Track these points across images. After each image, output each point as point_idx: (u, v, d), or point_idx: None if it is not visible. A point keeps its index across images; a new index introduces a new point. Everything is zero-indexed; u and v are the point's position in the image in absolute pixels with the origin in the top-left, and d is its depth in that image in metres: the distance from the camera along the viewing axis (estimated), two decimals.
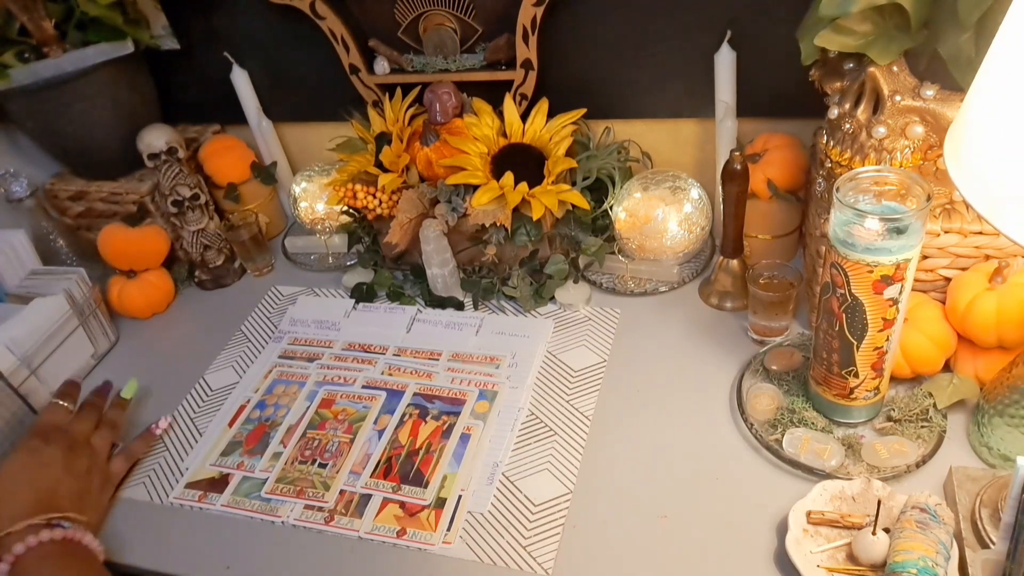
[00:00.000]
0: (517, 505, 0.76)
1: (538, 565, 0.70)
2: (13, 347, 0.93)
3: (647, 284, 1.01)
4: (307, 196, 1.14)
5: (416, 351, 0.97)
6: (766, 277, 0.88)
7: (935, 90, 0.70)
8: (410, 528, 0.76)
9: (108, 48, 1.06)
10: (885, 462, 0.72)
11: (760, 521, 0.70)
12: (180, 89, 1.24)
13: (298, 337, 1.04)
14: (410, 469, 0.81)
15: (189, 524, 0.81)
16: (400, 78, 1.09)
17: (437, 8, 1.04)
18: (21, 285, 1.05)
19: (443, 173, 0.98)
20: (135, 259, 1.11)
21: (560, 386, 0.89)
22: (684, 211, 0.95)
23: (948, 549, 0.60)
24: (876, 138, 0.73)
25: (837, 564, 0.64)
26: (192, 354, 1.04)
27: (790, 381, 0.82)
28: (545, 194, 0.94)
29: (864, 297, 0.65)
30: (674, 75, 1.01)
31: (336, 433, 0.87)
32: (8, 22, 1.02)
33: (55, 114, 1.08)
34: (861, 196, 0.64)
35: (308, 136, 1.25)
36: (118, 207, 1.17)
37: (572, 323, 0.98)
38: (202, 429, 0.92)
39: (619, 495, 0.76)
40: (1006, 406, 0.68)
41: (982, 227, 0.72)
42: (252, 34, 1.15)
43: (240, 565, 0.76)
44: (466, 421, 0.86)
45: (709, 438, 0.80)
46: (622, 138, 1.06)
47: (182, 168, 1.11)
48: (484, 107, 1.00)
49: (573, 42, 1.02)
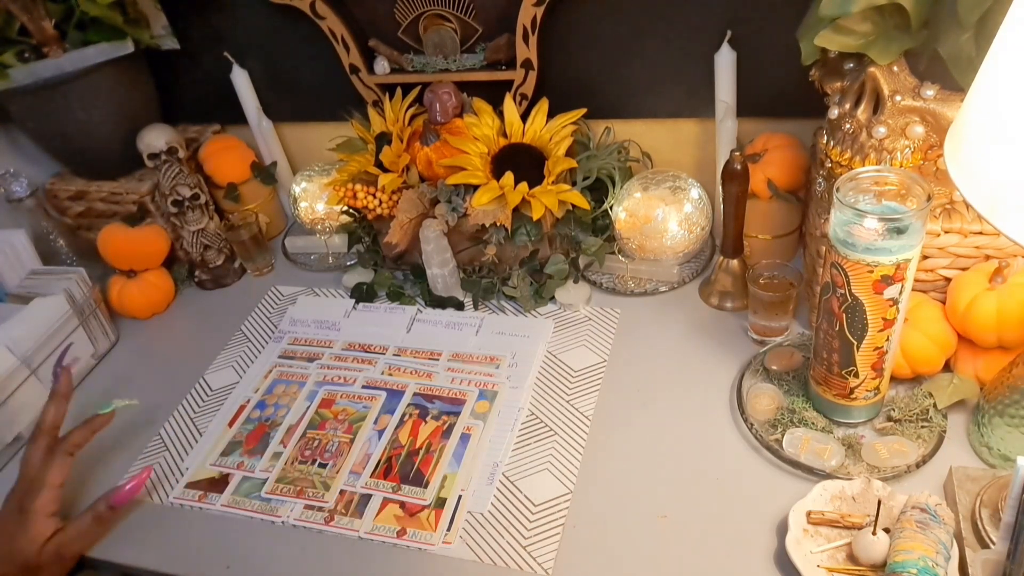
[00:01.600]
0: (517, 505, 0.76)
1: (538, 565, 0.70)
2: (13, 347, 0.93)
3: (647, 284, 1.01)
4: (307, 196, 1.14)
5: (416, 351, 0.97)
6: (766, 277, 0.88)
7: (935, 90, 0.70)
8: (410, 528, 0.76)
9: (108, 48, 1.06)
10: (885, 462, 0.72)
11: (760, 521, 0.70)
12: (180, 89, 1.24)
13: (298, 337, 1.04)
14: (410, 469, 0.81)
15: (189, 524, 0.81)
16: (400, 78, 1.09)
17: (437, 8, 1.04)
18: (21, 285, 1.05)
19: (443, 173, 0.98)
20: (135, 259, 1.11)
21: (560, 386, 0.89)
22: (684, 211, 0.95)
23: (948, 549, 0.60)
24: (876, 138, 0.73)
25: (837, 564, 0.64)
26: (192, 354, 1.04)
27: (790, 381, 0.82)
28: (545, 194, 0.94)
29: (864, 297, 0.65)
30: (674, 75, 1.01)
31: (336, 433, 0.87)
32: (8, 22, 1.02)
33: (55, 114, 1.08)
34: (861, 196, 0.64)
35: (308, 136, 1.25)
36: (118, 207, 1.17)
37: (572, 323, 0.98)
38: (202, 429, 0.92)
39: (619, 495, 0.76)
40: (1006, 406, 0.68)
41: (982, 227, 0.72)
42: (252, 34, 1.15)
43: (240, 565, 0.76)
44: (466, 421, 0.86)
45: (709, 438, 0.80)
46: (622, 138, 1.06)
47: (182, 168, 1.11)
48: (484, 107, 1.00)
49: (573, 42, 1.02)
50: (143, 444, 0.91)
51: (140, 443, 0.91)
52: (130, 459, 0.90)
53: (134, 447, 0.91)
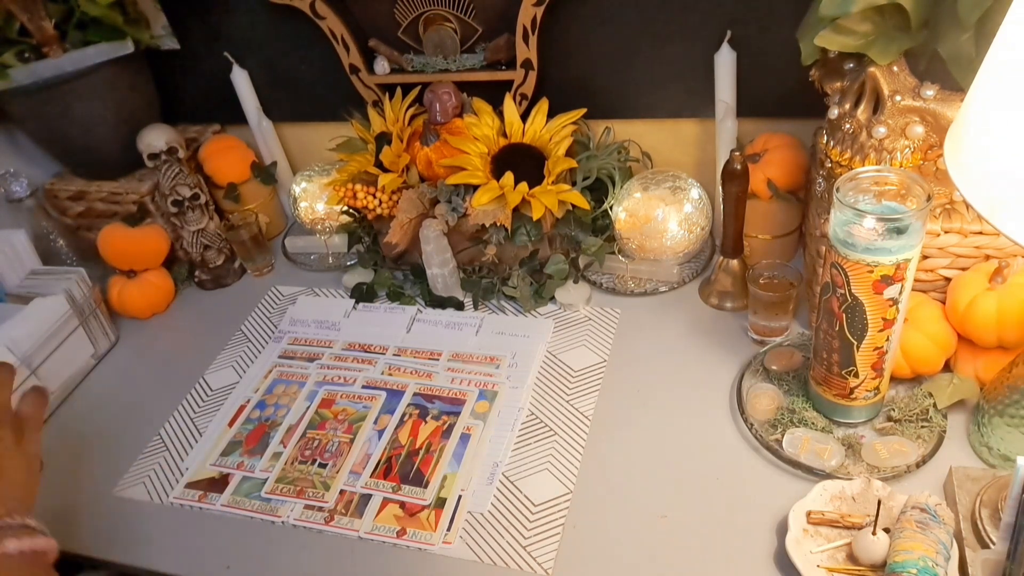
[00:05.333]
0: (517, 505, 0.76)
1: (538, 565, 0.70)
2: (13, 347, 0.93)
3: (647, 284, 1.01)
4: (307, 196, 1.14)
5: (416, 351, 0.97)
6: (766, 277, 0.88)
7: (935, 90, 0.70)
8: (410, 528, 0.76)
9: (108, 48, 1.06)
10: (885, 462, 0.72)
11: (760, 521, 0.70)
12: (180, 89, 1.24)
13: (298, 337, 1.04)
14: (410, 469, 0.81)
15: (189, 524, 0.81)
16: (400, 78, 1.09)
17: (437, 8, 1.04)
18: (21, 285, 1.05)
19: (443, 173, 0.98)
20: (135, 259, 1.11)
21: (560, 386, 0.89)
22: (684, 211, 0.95)
23: (948, 549, 0.60)
24: (876, 138, 0.73)
25: (837, 564, 0.64)
26: (192, 354, 1.04)
27: (790, 381, 0.82)
28: (545, 194, 0.94)
29: (864, 297, 0.65)
30: (674, 75, 1.01)
31: (336, 433, 0.87)
32: (8, 22, 1.02)
33: (55, 114, 1.08)
34: (861, 196, 0.64)
35: (308, 136, 1.25)
36: (118, 207, 1.17)
37: (572, 323, 0.98)
38: (202, 429, 0.92)
39: (619, 495, 0.76)
40: (1006, 406, 0.68)
41: (982, 227, 0.72)
42: (252, 34, 1.14)
43: (240, 565, 0.76)
44: (466, 421, 0.86)
45: (709, 438, 0.79)
46: (622, 138, 1.07)
47: (182, 168, 1.11)
48: (484, 107, 1.00)
49: (573, 42, 1.02)
50: (143, 444, 0.91)
51: (140, 443, 0.91)
52: (130, 459, 0.89)
53: (134, 447, 0.91)
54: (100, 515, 0.84)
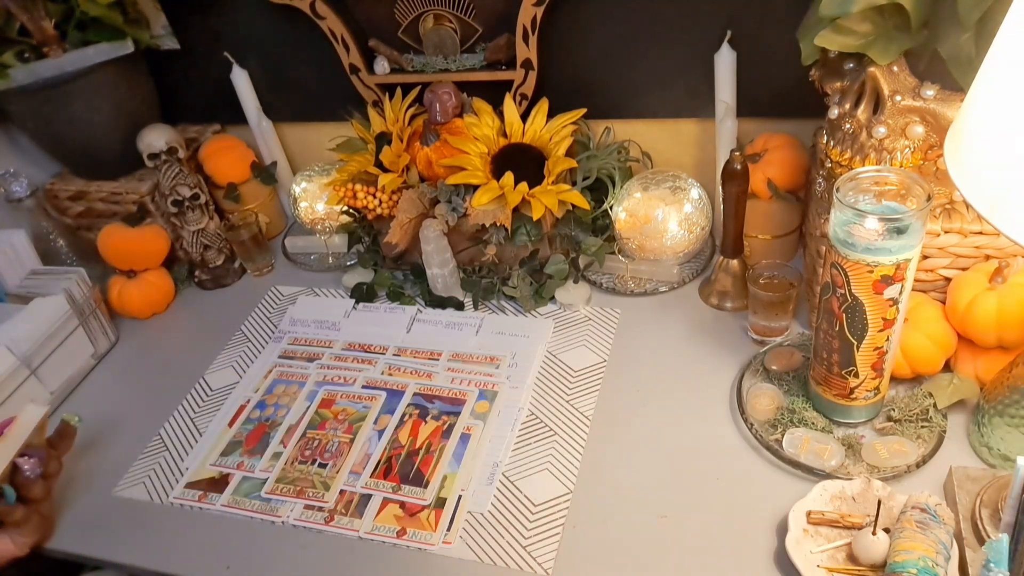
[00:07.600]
0: (517, 505, 0.76)
1: (538, 565, 0.70)
2: (13, 347, 0.93)
3: (647, 284, 1.01)
4: (307, 196, 1.14)
5: (416, 351, 0.97)
6: (766, 277, 0.88)
7: (935, 90, 0.70)
8: (410, 528, 0.76)
9: (108, 48, 1.06)
10: (885, 462, 0.72)
11: (760, 521, 0.70)
12: (180, 89, 1.24)
13: (298, 337, 1.04)
14: (410, 469, 0.81)
15: (189, 524, 0.81)
16: (400, 78, 1.09)
17: (437, 8, 1.04)
18: (21, 285, 1.05)
19: (443, 173, 0.98)
20: (135, 259, 1.11)
21: (560, 386, 0.89)
22: (684, 211, 0.95)
23: (948, 549, 0.60)
24: (876, 138, 0.73)
25: (837, 564, 0.64)
26: (192, 354, 1.04)
27: (790, 381, 0.82)
28: (545, 194, 0.94)
29: (864, 297, 0.65)
30: (674, 75, 1.01)
31: (336, 433, 0.87)
32: (8, 22, 1.02)
33: (55, 114, 1.08)
34: (861, 196, 0.64)
35: (308, 136, 1.25)
36: (118, 207, 1.17)
37: (572, 323, 0.98)
38: (202, 429, 0.92)
39: (619, 495, 0.76)
40: (1006, 406, 0.68)
41: (982, 227, 0.72)
42: (252, 34, 1.14)
43: (240, 565, 0.76)
44: (466, 421, 0.86)
45: (709, 438, 0.79)
46: (622, 138, 1.06)
47: (182, 168, 1.11)
48: (484, 107, 1.00)
49: (573, 42, 1.02)
50: (143, 444, 0.91)
51: (140, 443, 0.91)
52: (130, 459, 0.89)
53: (134, 447, 0.91)
54: (100, 515, 0.84)
